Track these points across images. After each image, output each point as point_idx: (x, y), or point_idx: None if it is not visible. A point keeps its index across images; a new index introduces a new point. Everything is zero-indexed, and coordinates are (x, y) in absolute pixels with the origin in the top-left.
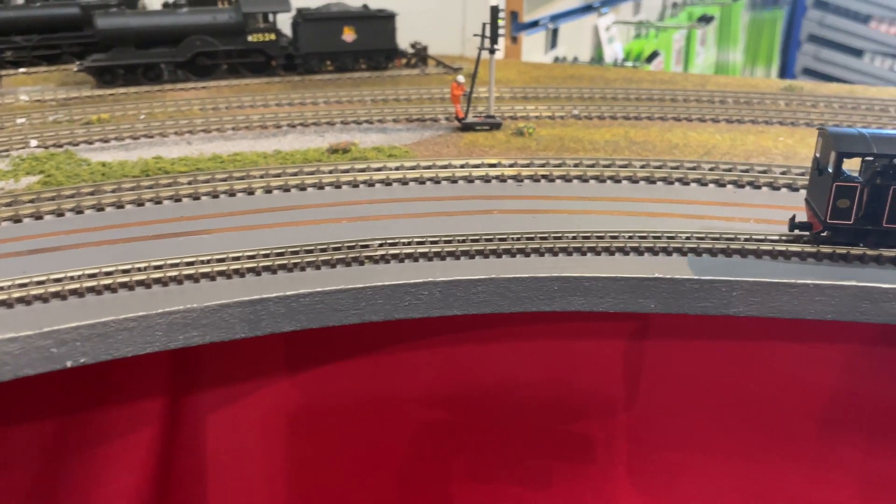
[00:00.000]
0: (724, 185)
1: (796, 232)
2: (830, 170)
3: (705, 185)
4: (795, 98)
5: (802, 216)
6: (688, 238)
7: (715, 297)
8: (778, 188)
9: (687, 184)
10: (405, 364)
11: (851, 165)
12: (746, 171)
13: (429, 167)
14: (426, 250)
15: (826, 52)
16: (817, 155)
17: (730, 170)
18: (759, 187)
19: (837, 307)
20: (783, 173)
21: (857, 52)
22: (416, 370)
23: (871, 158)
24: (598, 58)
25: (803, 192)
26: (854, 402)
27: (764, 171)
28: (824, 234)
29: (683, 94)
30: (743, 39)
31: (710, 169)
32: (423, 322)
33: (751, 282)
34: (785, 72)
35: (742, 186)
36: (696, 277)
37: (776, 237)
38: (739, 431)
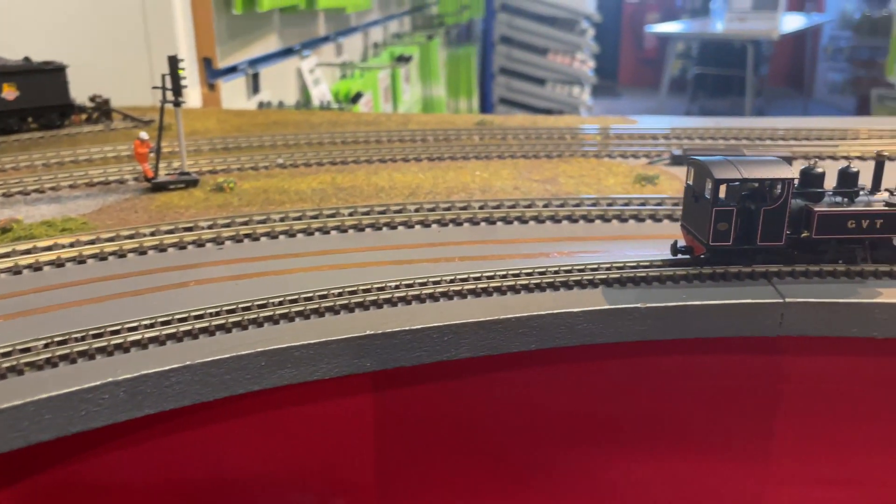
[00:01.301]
0: (429, 226)
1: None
2: (708, 196)
3: (412, 227)
4: (487, 132)
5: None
6: (396, 287)
7: (428, 345)
8: (478, 223)
9: (395, 227)
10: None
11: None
12: (448, 208)
13: (111, 239)
14: (104, 344)
15: (516, 83)
16: (690, 183)
17: (433, 209)
18: (460, 224)
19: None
20: (481, 208)
21: (541, 81)
22: (116, 481)
23: (737, 184)
24: (305, 101)
25: (499, 225)
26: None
27: (464, 207)
28: (704, 256)
29: (387, 134)
30: (443, 75)
31: (416, 210)
32: (112, 428)
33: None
34: (484, 101)
35: (446, 224)
36: (407, 328)
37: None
38: (479, 470)
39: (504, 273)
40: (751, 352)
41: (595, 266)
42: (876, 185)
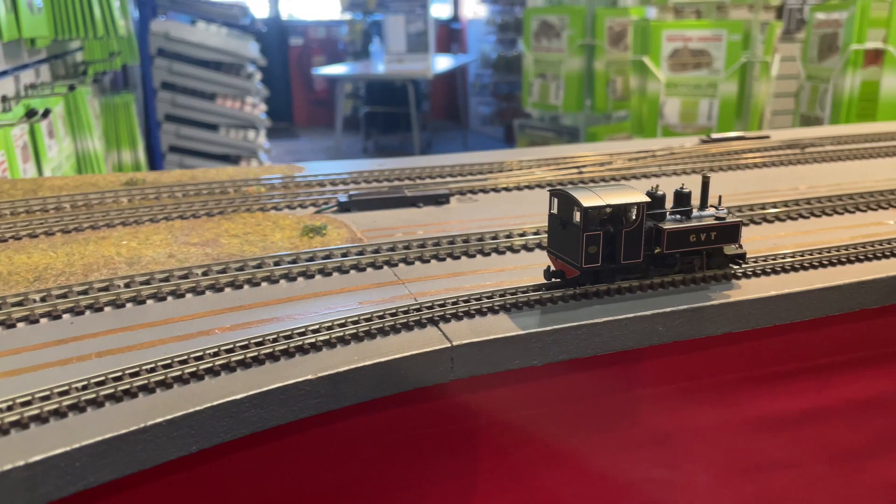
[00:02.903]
0: (59, 317)
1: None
2: (578, 222)
3: (35, 322)
4: (138, 192)
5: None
6: (9, 408)
7: (54, 479)
8: (122, 305)
9: (13, 326)
10: None
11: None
12: (84, 291)
13: None
14: None
15: (186, 130)
16: (554, 212)
17: (64, 295)
18: (100, 309)
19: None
20: (127, 286)
21: (213, 127)
22: None
23: (601, 210)
24: None
25: (150, 304)
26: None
27: (105, 288)
28: (577, 278)
29: (11, 205)
30: (99, 126)
31: (41, 299)
32: None
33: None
34: (153, 151)
35: (81, 313)
36: (21, 464)
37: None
38: None
39: (152, 366)
40: (428, 400)
41: (260, 339)
42: (703, 202)
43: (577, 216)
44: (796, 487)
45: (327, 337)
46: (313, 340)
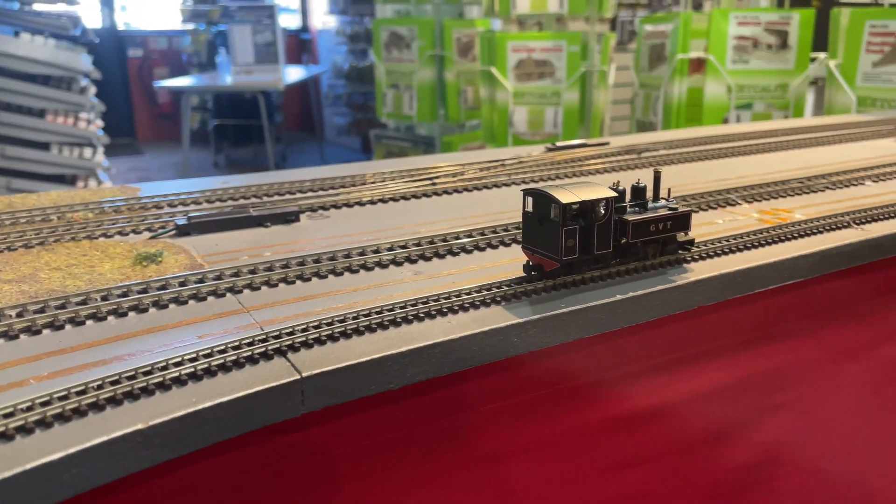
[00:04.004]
0: None
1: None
2: (555, 218)
3: None
4: None
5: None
6: None
7: None
8: None
9: None
10: None
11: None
12: None
13: None
14: None
15: (13, 149)
16: (529, 210)
17: None
18: None
19: None
20: None
21: (44, 146)
22: None
23: (577, 206)
24: None
25: None
26: None
27: None
28: (555, 270)
29: None
30: None
31: None
32: None
33: None
34: None
35: None
36: None
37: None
38: None
39: None
40: (280, 436)
41: (82, 387)
42: (656, 194)
43: (554, 212)
44: (652, 481)
45: (161, 379)
46: (144, 384)
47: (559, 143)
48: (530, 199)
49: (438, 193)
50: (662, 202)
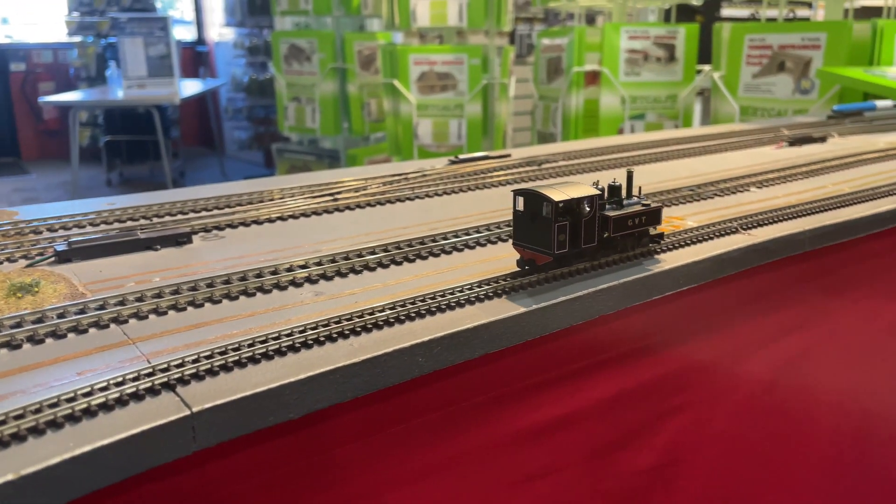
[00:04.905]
0: None
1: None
2: (548, 215)
3: None
4: None
5: None
6: None
7: None
8: None
9: None
10: None
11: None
12: None
13: None
14: None
15: None
16: (520, 209)
17: None
18: None
19: None
20: None
21: None
22: None
23: (567, 203)
24: None
25: None
26: None
27: None
28: (548, 264)
29: None
30: None
31: None
32: None
33: None
34: None
35: None
36: None
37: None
38: None
39: None
40: (173, 476)
41: None
42: (629, 192)
43: (547, 210)
44: (561, 490)
45: (34, 423)
46: (15, 430)
47: (462, 156)
48: (521, 199)
49: (340, 209)
50: (635, 199)
